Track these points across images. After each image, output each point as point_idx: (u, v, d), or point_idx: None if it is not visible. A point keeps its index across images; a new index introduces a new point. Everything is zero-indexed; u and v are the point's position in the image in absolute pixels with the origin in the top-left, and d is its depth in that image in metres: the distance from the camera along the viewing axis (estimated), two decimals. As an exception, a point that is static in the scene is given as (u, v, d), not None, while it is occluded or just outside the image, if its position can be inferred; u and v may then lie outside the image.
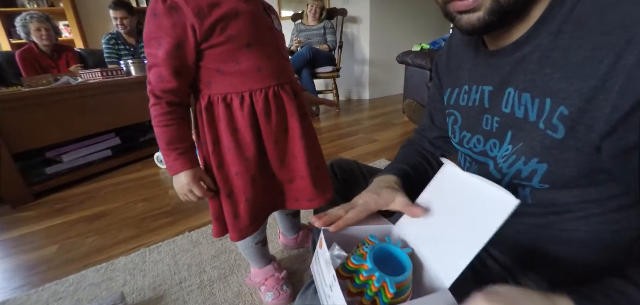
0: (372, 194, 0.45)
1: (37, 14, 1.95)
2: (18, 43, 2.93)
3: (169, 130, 0.47)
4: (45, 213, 1.28)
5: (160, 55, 0.44)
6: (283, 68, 0.53)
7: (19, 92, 1.36)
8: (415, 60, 2.02)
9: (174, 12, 0.42)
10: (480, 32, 0.36)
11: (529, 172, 0.37)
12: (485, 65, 0.44)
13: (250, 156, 0.50)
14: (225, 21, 0.45)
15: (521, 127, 0.37)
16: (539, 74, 0.34)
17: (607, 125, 0.28)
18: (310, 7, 2.67)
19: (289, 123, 0.53)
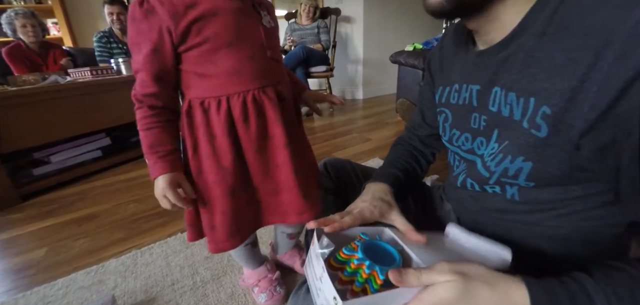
0: (367, 205, 0.46)
1: (22, 10, 1.90)
2: (3, 41, 2.86)
3: (150, 133, 0.46)
4: (33, 215, 1.26)
5: (140, 60, 0.43)
6: (268, 69, 0.49)
7: (5, 91, 1.32)
8: (408, 60, 2.04)
9: (150, 15, 0.42)
10: (440, 15, 0.38)
11: (515, 170, 0.38)
12: (474, 64, 0.45)
13: (227, 165, 0.47)
14: (201, 21, 0.43)
15: (506, 125, 0.39)
16: (523, 73, 0.36)
17: (585, 123, 0.29)
18: (304, 6, 2.66)
19: (270, 130, 0.49)
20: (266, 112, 0.48)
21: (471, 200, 0.49)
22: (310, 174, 0.56)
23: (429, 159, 0.66)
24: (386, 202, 0.47)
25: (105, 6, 2.05)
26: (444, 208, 0.61)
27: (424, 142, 0.65)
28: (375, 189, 0.51)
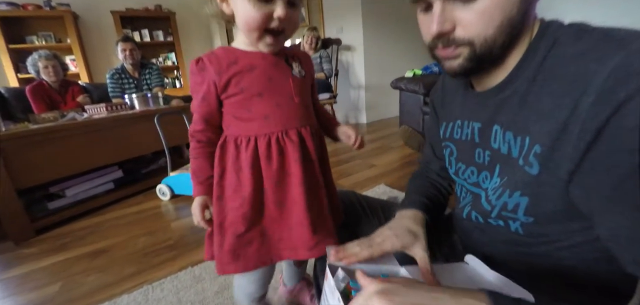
0: (391, 236, 0.47)
1: (45, 52, 2.05)
2: (25, 77, 3.04)
3: (195, 161, 0.56)
4: (47, 249, 1.29)
5: (195, 105, 0.54)
6: (294, 114, 0.55)
7: (27, 129, 1.40)
8: (409, 86, 2.10)
9: (202, 71, 0.52)
10: (461, 75, 0.42)
11: (513, 205, 0.40)
12: (474, 103, 0.48)
13: (247, 194, 0.53)
14: (239, 75, 0.51)
15: (506, 162, 0.42)
16: (519, 115, 0.39)
17: (571, 163, 0.32)
18: (306, 38, 2.79)
19: (288, 168, 0.54)
20: (287, 152, 0.54)
21: (478, 232, 0.51)
22: (324, 212, 0.58)
23: (448, 190, 0.67)
24: (412, 234, 0.48)
25: (118, 44, 2.20)
26: (452, 238, 0.62)
27: (440, 175, 0.66)
28: (405, 216, 0.53)
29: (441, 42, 0.40)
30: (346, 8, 3.15)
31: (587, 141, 0.30)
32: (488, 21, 0.36)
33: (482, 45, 0.38)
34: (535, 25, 0.39)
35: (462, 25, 0.38)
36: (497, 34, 0.37)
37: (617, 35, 0.31)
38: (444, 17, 0.38)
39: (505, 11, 0.36)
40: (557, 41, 0.36)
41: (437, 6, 0.38)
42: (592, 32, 0.33)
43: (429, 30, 0.41)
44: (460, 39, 0.38)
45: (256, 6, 0.45)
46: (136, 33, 3.62)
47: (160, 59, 3.85)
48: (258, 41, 0.50)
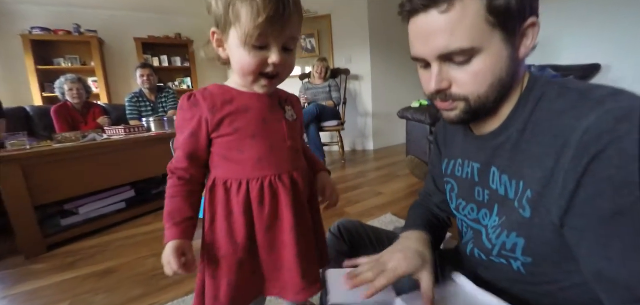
0: (402, 259, 0.48)
1: (71, 76, 2.20)
2: (49, 96, 3.21)
3: (172, 201, 0.51)
4: (57, 266, 1.31)
5: (180, 141, 0.51)
6: (286, 158, 0.54)
7: (50, 148, 1.48)
8: (415, 116, 2.15)
9: (194, 107, 0.50)
10: (458, 123, 0.46)
11: (511, 245, 0.43)
12: (473, 145, 0.52)
13: (240, 240, 0.51)
14: (233, 115, 0.50)
15: (503, 202, 0.45)
16: (513, 160, 0.43)
17: (560, 209, 0.35)
18: (317, 68, 2.91)
19: (280, 212, 0.53)
20: (279, 197, 0.52)
21: (482, 269, 0.52)
22: (313, 256, 0.57)
23: (448, 222, 0.68)
24: (421, 257, 0.49)
25: (137, 70, 2.36)
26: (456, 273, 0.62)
27: (439, 207, 0.68)
28: (412, 237, 0.54)
29: (439, 96, 0.44)
30: (355, 40, 3.30)
31: (570, 190, 0.34)
32: (481, 81, 0.40)
33: (476, 101, 0.42)
34: (525, 78, 0.44)
35: (458, 84, 0.42)
36: (489, 91, 0.41)
37: (593, 95, 0.35)
38: (441, 77, 0.42)
39: (495, 73, 0.40)
40: (543, 96, 0.41)
41: (435, 67, 0.42)
42: (572, 90, 0.38)
43: (428, 86, 0.45)
44: (456, 95, 0.43)
45: (252, 53, 0.45)
46: (156, 58, 3.84)
47: (176, 83, 4.03)
48: (253, 84, 0.50)
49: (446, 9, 0.38)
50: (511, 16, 0.38)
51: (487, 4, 0.37)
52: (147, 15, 3.82)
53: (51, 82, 3.04)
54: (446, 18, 0.38)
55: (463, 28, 0.38)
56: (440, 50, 0.40)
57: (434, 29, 0.40)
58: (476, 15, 0.37)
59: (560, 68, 1.99)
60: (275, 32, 0.44)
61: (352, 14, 3.24)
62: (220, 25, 0.47)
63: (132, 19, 3.74)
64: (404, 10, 0.43)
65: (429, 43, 0.41)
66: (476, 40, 0.38)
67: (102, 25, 3.54)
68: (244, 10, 0.43)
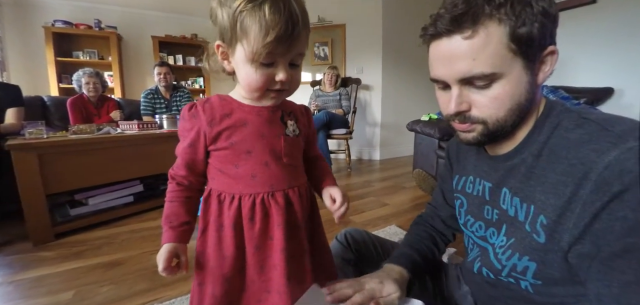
0: (378, 283, 0.53)
1: (89, 70, 2.27)
2: (65, 87, 3.31)
3: (170, 205, 0.52)
4: (63, 255, 1.33)
5: (180, 149, 0.52)
6: (281, 175, 0.52)
7: (65, 139, 1.51)
8: (424, 129, 2.14)
9: (193, 118, 0.51)
10: (475, 145, 0.47)
11: (522, 268, 0.43)
12: (486, 164, 0.53)
13: (228, 254, 0.50)
14: (231, 129, 0.50)
15: (512, 223, 0.45)
16: (525, 183, 0.43)
17: (571, 237, 0.37)
18: (327, 76, 2.94)
19: (272, 231, 0.51)
20: (271, 215, 0.51)
21: (489, 287, 0.52)
22: (307, 280, 0.55)
23: (449, 239, 0.69)
24: (397, 284, 0.53)
25: (155, 67, 2.42)
26: (462, 290, 0.62)
27: (445, 223, 0.68)
28: (393, 269, 0.58)
29: (458, 118, 0.45)
30: (367, 50, 3.32)
31: (586, 222, 0.35)
32: (500, 105, 0.41)
33: (495, 125, 0.43)
34: (541, 104, 0.45)
35: (477, 107, 0.43)
36: (507, 116, 0.42)
37: (614, 129, 0.36)
38: (460, 99, 0.43)
39: (514, 98, 0.41)
40: (560, 124, 0.41)
41: (455, 90, 0.43)
42: (591, 122, 0.38)
43: (446, 107, 0.45)
44: (475, 118, 0.43)
45: (258, 71, 0.45)
46: (171, 57, 3.94)
47: (189, 82, 4.12)
48: (260, 99, 0.50)
49: (470, 35, 0.38)
50: (532, 44, 0.38)
51: (510, 32, 0.37)
52: (166, 14, 3.93)
53: (68, 74, 3.14)
54: (469, 44, 0.39)
55: (485, 54, 0.38)
56: (461, 74, 0.41)
57: (456, 54, 0.40)
58: (499, 42, 0.38)
59: (573, 90, 1.97)
60: (283, 50, 0.43)
61: (366, 25, 3.27)
62: (226, 38, 0.46)
63: (151, 17, 3.85)
64: (427, 34, 0.43)
65: (451, 66, 0.41)
66: (497, 66, 0.39)
67: (122, 21, 3.65)
68: (252, 27, 0.41)
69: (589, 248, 0.35)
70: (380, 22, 3.20)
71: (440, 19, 0.40)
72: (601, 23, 1.97)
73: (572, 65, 2.16)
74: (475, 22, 0.38)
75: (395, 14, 3.28)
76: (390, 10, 3.22)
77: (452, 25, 0.39)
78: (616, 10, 1.91)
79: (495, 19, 0.38)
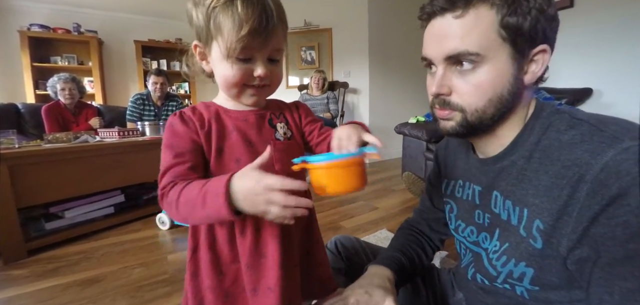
0: (364, 293, 0.49)
1: (64, 75, 2.17)
2: (42, 94, 3.16)
3: (185, 195, 0.40)
4: (38, 272, 1.25)
5: (168, 158, 0.45)
6: None
7: (39, 149, 1.43)
8: (412, 131, 2.16)
9: (188, 123, 0.47)
10: (453, 136, 0.46)
11: (519, 274, 0.42)
12: (475, 167, 0.52)
13: (224, 271, 0.48)
14: (218, 136, 0.47)
15: (505, 227, 0.44)
16: (517, 186, 0.43)
17: (570, 242, 0.36)
18: (314, 79, 2.93)
19: (264, 247, 0.47)
20: (263, 229, 0.47)
21: (483, 293, 0.51)
22: (297, 295, 0.51)
23: (437, 245, 0.68)
24: (385, 290, 0.49)
25: (151, 76, 2.29)
26: (456, 296, 0.61)
27: (432, 228, 0.67)
28: (376, 273, 0.54)
29: (438, 102, 0.45)
30: (354, 54, 3.34)
31: (584, 226, 0.34)
32: (480, 94, 0.41)
33: (473, 114, 0.42)
34: (532, 104, 0.44)
35: (458, 92, 0.42)
36: (487, 106, 0.41)
37: (608, 130, 0.35)
38: (443, 81, 0.43)
39: (496, 89, 0.40)
40: (551, 125, 0.40)
41: (440, 69, 0.43)
42: (584, 122, 0.38)
43: (430, 89, 0.46)
44: (454, 104, 0.43)
45: (235, 66, 0.43)
46: (154, 62, 3.83)
47: (174, 87, 4.02)
48: (239, 97, 0.47)
49: (460, 14, 0.39)
50: (522, 36, 0.38)
51: (501, 19, 0.38)
52: (149, 18, 3.83)
53: (46, 80, 2.99)
54: (459, 22, 0.39)
55: (474, 34, 0.39)
56: (448, 51, 0.41)
57: (446, 32, 0.41)
58: (489, 25, 0.38)
59: (554, 91, 2.04)
60: (259, 44, 0.42)
61: (352, 29, 3.29)
62: (202, 38, 0.45)
63: (133, 22, 3.75)
64: (425, 12, 0.44)
65: (439, 44, 0.42)
66: (484, 48, 0.39)
67: (103, 25, 3.54)
68: (225, 22, 0.40)
69: (588, 252, 0.34)
70: (366, 26, 3.23)
71: None
72: (578, 26, 2.05)
73: (552, 66, 2.23)
74: (468, 3, 0.39)
75: (381, 18, 3.32)
76: (375, 14, 3.26)
77: (446, 4, 0.40)
78: (592, 14, 2.00)
79: (488, 3, 0.38)
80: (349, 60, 3.40)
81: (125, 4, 3.48)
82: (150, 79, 2.29)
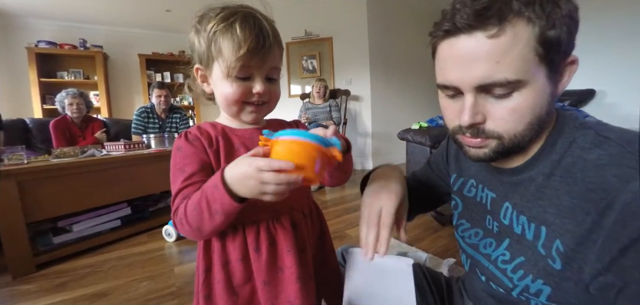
0: (387, 199, 0.45)
1: (72, 90, 2.22)
2: (49, 108, 3.22)
3: (193, 200, 0.41)
4: (45, 287, 1.25)
5: (181, 179, 0.45)
6: (284, 198, 0.48)
7: (47, 164, 1.45)
8: (415, 137, 2.15)
9: (195, 142, 0.47)
10: (485, 162, 0.43)
11: (536, 290, 0.41)
12: (489, 173, 0.50)
13: (240, 291, 0.48)
14: (226, 153, 0.48)
15: (518, 240, 0.43)
16: (534, 203, 0.40)
17: (594, 269, 0.34)
18: (315, 88, 2.95)
19: (281, 261, 0.48)
20: (278, 242, 0.48)
21: (494, 301, 0.50)
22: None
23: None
24: (402, 186, 0.49)
25: (154, 89, 2.34)
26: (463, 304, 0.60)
27: None
28: (389, 170, 0.54)
29: (470, 132, 0.39)
30: (355, 62, 3.37)
31: (612, 256, 0.32)
32: (519, 119, 0.36)
33: (511, 140, 0.38)
34: (553, 117, 0.41)
35: (493, 119, 0.37)
36: (526, 130, 0.37)
37: (638, 152, 0.32)
38: (476, 110, 0.37)
39: (535, 111, 0.36)
40: (575, 142, 0.38)
41: (469, 98, 0.37)
42: (611, 141, 0.35)
43: (455, 117, 0.40)
44: (490, 132, 0.38)
45: (235, 84, 0.45)
46: (158, 74, 3.89)
47: (177, 99, 4.07)
48: (239, 114, 0.49)
49: (496, 33, 0.33)
50: (559, 50, 0.34)
51: (539, 34, 0.33)
52: (153, 32, 3.91)
53: (53, 95, 3.06)
54: (493, 44, 0.33)
55: (511, 57, 0.33)
56: (480, 80, 0.35)
57: (477, 54, 0.34)
58: (526, 44, 0.33)
59: (557, 94, 2.04)
60: (256, 62, 0.45)
61: (353, 37, 3.33)
62: (203, 61, 0.48)
63: (137, 36, 3.82)
64: (440, 30, 0.37)
65: (468, 69, 0.35)
66: (523, 72, 0.33)
67: (108, 40, 3.61)
68: (225, 44, 0.44)
69: (613, 280, 0.32)
70: (366, 34, 3.26)
71: (459, 12, 0.34)
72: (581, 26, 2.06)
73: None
74: (502, 19, 0.32)
75: (381, 25, 3.35)
76: (375, 22, 3.30)
77: (475, 21, 0.33)
78: (595, 15, 2.01)
79: (525, 17, 0.32)
80: (350, 68, 3.42)
81: (129, 19, 3.56)
82: (154, 93, 2.33)
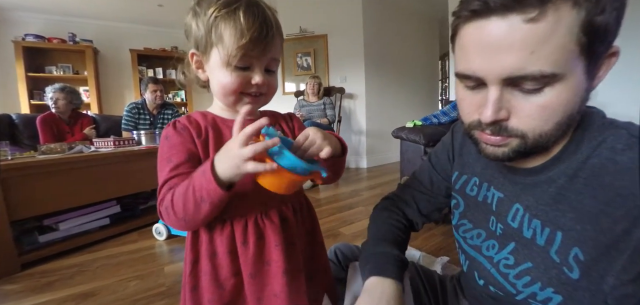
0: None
1: (59, 85, 2.17)
2: (37, 104, 3.14)
3: (179, 189, 0.41)
4: (30, 287, 1.22)
5: (167, 170, 0.45)
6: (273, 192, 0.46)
7: (32, 160, 1.41)
8: (410, 136, 2.16)
9: (183, 132, 0.47)
10: (503, 161, 0.39)
11: (544, 298, 0.38)
12: (498, 171, 0.45)
13: (226, 284, 0.47)
14: (215, 142, 0.47)
15: (527, 245, 0.40)
16: (551, 207, 0.37)
17: (618, 281, 0.32)
18: (310, 85, 2.93)
19: (268, 255, 0.48)
20: (266, 237, 0.48)
21: (493, 302, 0.48)
22: (303, 301, 0.51)
23: (417, 229, 0.61)
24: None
25: (149, 84, 2.30)
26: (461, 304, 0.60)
27: (421, 212, 0.59)
28: (382, 292, 0.44)
29: (490, 128, 0.35)
30: (350, 59, 3.36)
31: (638, 269, 0.30)
32: (548, 117, 0.32)
33: (536, 140, 0.33)
34: None
35: (519, 116, 0.33)
36: (554, 130, 0.33)
37: None
38: (500, 105, 0.33)
39: (567, 110, 0.32)
40: (604, 141, 0.34)
41: (495, 91, 0.32)
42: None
43: (474, 111, 0.36)
44: (513, 130, 0.34)
45: (234, 74, 0.44)
46: (150, 70, 3.83)
47: (170, 95, 4.01)
48: (235, 104, 0.48)
49: (536, 16, 0.28)
50: (604, 39, 0.30)
51: (585, 20, 0.28)
52: (145, 27, 3.83)
53: (41, 90, 2.99)
54: (531, 29, 0.28)
55: (549, 47, 0.28)
56: (510, 71, 0.30)
57: (509, 41, 0.29)
58: (568, 32, 0.28)
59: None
60: (258, 53, 0.44)
61: (347, 35, 3.31)
62: (201, 46, 0.46)
63: (129, 30, 3.75)
64: (467, 8, 0.32)
65: (497, 58, 0.30)
66: (560, 65, 0.29)
67: (98, 34, 3.53)
68: (227, 31, 0.42)
69: (635, 290, 0.31)
70: (361, 31, 3.25)
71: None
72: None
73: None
74: (544, 1, 0.27)
75: (376, 23, 3.35)
76: (370, 20, 3.29)
77: (512, 1, 0.28)
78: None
79: None
80: (344, 66, 3.41)
81: (120, 13, 3.48)
82: (148, 88, 2.29)
